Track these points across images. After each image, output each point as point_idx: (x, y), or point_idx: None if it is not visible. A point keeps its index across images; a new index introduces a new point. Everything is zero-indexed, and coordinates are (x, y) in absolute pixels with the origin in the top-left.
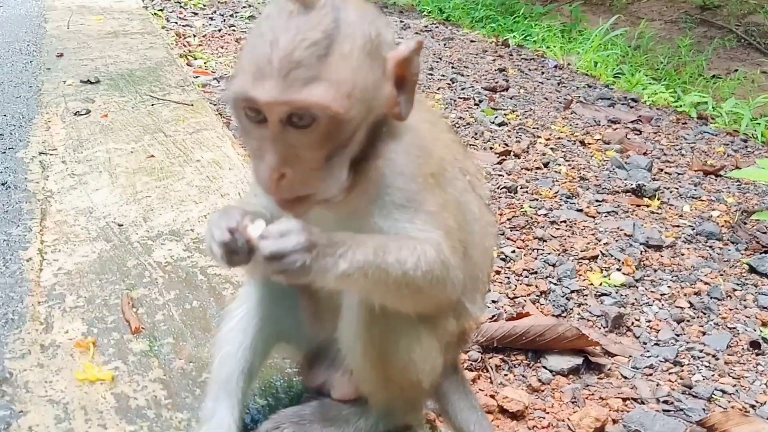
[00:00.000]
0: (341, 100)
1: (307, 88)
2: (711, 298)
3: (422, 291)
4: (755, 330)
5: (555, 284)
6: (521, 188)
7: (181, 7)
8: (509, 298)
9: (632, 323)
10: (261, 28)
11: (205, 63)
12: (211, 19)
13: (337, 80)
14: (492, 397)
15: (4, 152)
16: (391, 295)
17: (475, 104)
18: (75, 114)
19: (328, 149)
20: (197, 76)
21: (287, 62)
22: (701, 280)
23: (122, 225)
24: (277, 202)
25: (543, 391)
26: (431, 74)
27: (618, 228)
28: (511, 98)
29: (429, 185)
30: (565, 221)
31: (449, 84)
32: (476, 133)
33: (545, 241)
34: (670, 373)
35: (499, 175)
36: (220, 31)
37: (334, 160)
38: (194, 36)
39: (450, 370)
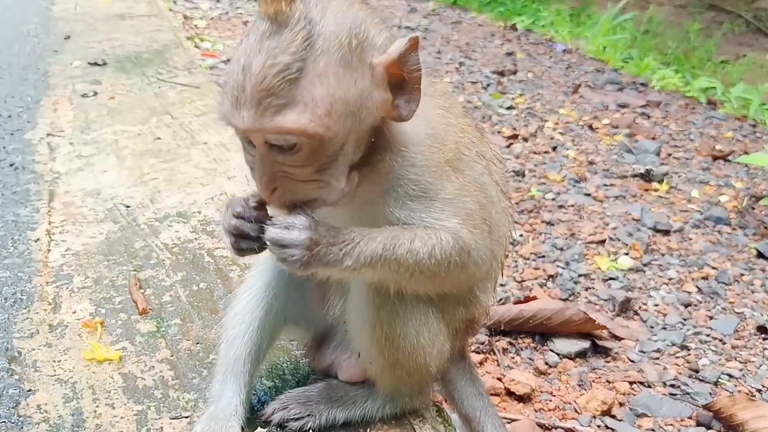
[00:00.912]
0: (319, 120)
1: (280, 115)
2: (718, 282)
3: (439, 276)
4: (762, 315)
5: (563, 268)
6: (529, 172)
7: None
8: (517, 281)
9: (639, 307)
10: (238, 51)
11: (212, 45)
12: (218, 1)
13: (312, 102)
14: (499, 379)
15: (12, 134)
16: (407, 282)
17: (483, 88)
18: (82, 96)
19: (317, 165)
20: (205, 59)
21: (258, 91)
22: (709, 265)
23: (129, 206)
24: (277, 208)
25: (550, 374)
26: (439, 58)
27: (626, 212)
28: (519, 82)
29: (444, 173)
30: (573, 205)
31: (457, 68)
32: (484, 117)
33: (553, 225)
34: (677, 357)
35: (507, 159)
36: (227, 13)
37: (328, 171)
38: (201, 18)
39: (457, 356)
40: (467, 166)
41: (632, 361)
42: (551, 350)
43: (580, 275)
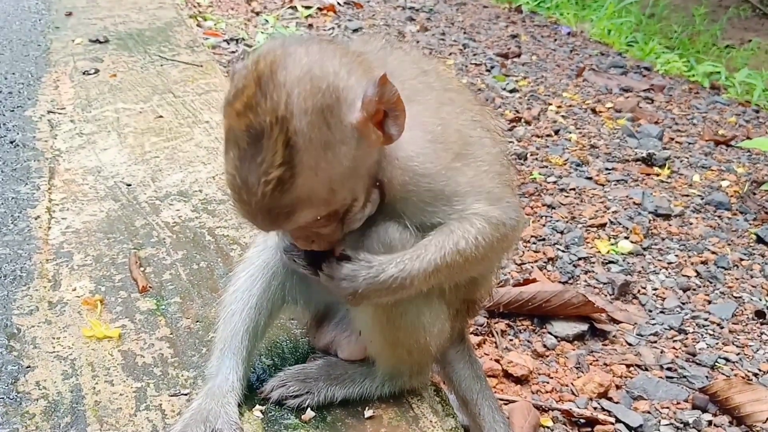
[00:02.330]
0: (327, 201)
1: (293, 217)
2: (718, 267)
3: (487, 258)
4: (761, 300)
5: (563, 251)
6: (531, 155)
7: None
8: (517, 264)
9: (638, 291)
10: (227, 163)
11: (215, 24)
12: None
13: (313, 194)
14: (497, 361)
15: (13, 110)
16: (462, 275)
17: (487, 70)
18: (84, 73)
19: (338, 219)
20: (207, 37)
21: (264, 207)
22: (709, 250)
23: (130, 185)
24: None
25: (548, 356)
26: (443, 39)
27: (627, 196)
28: (523, 65)
29: (454, 170)
30: (574, 189)
31: (461, 50)
32: (487, 100)
33: (554, 208)
34: (674, 341)
35: (510, 142)
36: None
37: (350, 215)
38: None
39: (457, 338)
40: (476, 148)
41: (630, 345)
42: (549, 333)
43: (580, 258)
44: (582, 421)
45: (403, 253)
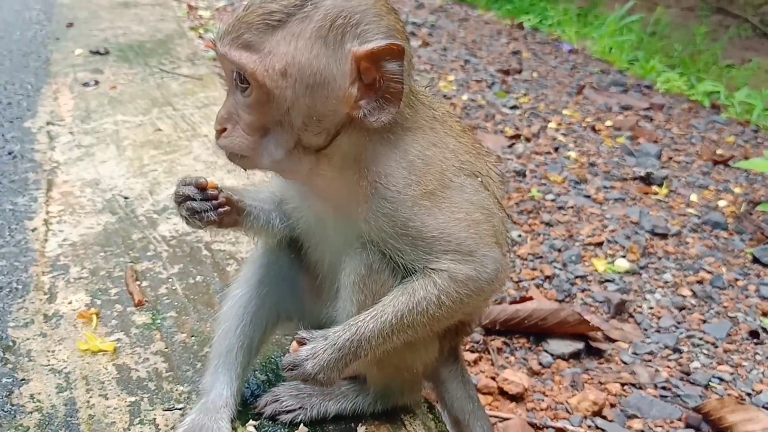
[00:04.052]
0: (271, 73)
1: (243, 51)
2: (713, 287)
3: (457, 311)
4: (755, 320)
5: (560, 269)
6: (530, 172)
7: None
8: (514, 281)
9: (634, 310)
10: None
11: None
12: None
13: (274, 54)
14: (492, 378)
15: (12, 121)
16: (433, 329)
17: (488, 86)
18: (83, 85)
19: (262, 120)
20: (208, 50)
21: (240, 23)
22: (705, 269)
23: (128, 198)
24: (221, 148)
25: (543, 374)
26: (444, 55)
27: (625, 215)
28: (523, 81)
29: (423, 208)
30: (572, 207)
31: (462, 65)
32: (487, 116)
33: (552, 226)
34: (669, 360)
35: (509, 159)
36: (232, 4)
37: (271, 135)
38: (206, 9)
39: (450, 358)
40: (454, 193)
41: (625, 363)
42: (545, 350)
43: (576, 276)
44: None
45: (359, 315)
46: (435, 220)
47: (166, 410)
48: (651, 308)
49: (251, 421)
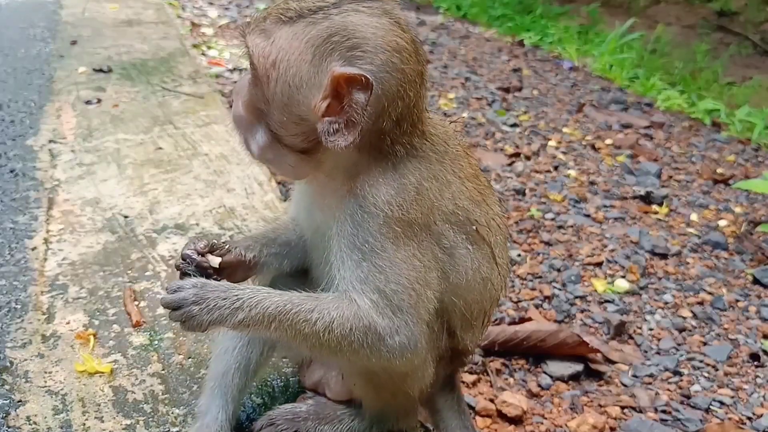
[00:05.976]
0: (265, 61)
1: (258, 36)
2: (714, 308)
3: (342, 353)
4: (756, 342)
5: (559, 289)
6: (530, 191)
7: None
8: (513, 301)
9: (634, 331)
10: None
11: (219, 53)
12: (227, 9)
13: (274, 44)
14: (491, 401)
15: (14, 139)
16: (311, 350)
17: (488, 104)
18: (86, 103)
19: (252, 101)
20: (211, 67)
21: (266, 13)
22: (705, 290)
23: (128, 217)
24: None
25: (542, 396)
26: (445, 72)
27: (624, 234)
28: (524, 99)
29: (396, 235)
30: (572, 226)
31: (463, 83)
32: (487, 134)
33: (551, 245)
34: (669, 383)
35: (509, 177)
36: (235, 21)
37: (258, 126)
38: (209, 26)
39: (447, 386)
40: (429, 239)
41: (625, 386)
42: (545, 372)
43: (576, 297)
44: None
45: (272, 290)
46: (394, 253)
47: None
48: (651, 329)
49: None
